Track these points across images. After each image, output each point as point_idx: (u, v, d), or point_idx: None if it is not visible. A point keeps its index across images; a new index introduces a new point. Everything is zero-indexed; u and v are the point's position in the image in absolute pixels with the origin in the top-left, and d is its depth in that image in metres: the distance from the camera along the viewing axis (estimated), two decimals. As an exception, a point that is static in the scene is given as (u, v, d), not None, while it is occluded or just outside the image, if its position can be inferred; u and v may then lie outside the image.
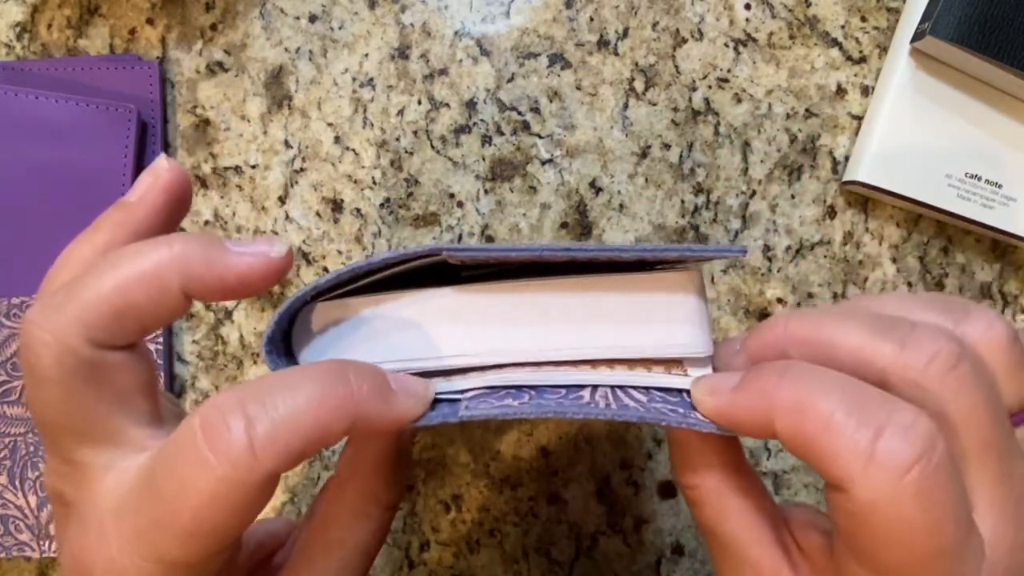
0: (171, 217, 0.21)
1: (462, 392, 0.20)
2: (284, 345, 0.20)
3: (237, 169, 0.37)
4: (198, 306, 0.37)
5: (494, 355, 0.20)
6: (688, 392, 0.20)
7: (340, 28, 0.37)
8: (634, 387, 0.20)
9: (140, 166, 0.36)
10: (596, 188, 0.37)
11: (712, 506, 0.21)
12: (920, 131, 0.36)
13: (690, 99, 0.38)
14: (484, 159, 0.37)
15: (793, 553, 0.21)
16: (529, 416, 0.19)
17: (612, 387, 0.20)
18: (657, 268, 0.21)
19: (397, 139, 0.37)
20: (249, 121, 0.37)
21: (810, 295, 0.38)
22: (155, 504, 0.17)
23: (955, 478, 0.17)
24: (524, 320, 0.20)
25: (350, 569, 0.22)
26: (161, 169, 0.21)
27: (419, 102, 0.37)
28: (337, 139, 0.37)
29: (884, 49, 0.38)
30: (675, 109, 0.38)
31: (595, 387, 0.20)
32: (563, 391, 0.20)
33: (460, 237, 0.37)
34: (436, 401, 0.20)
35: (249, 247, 0.19)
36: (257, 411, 0.16)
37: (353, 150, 0.37)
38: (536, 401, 0.19)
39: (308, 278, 0.37)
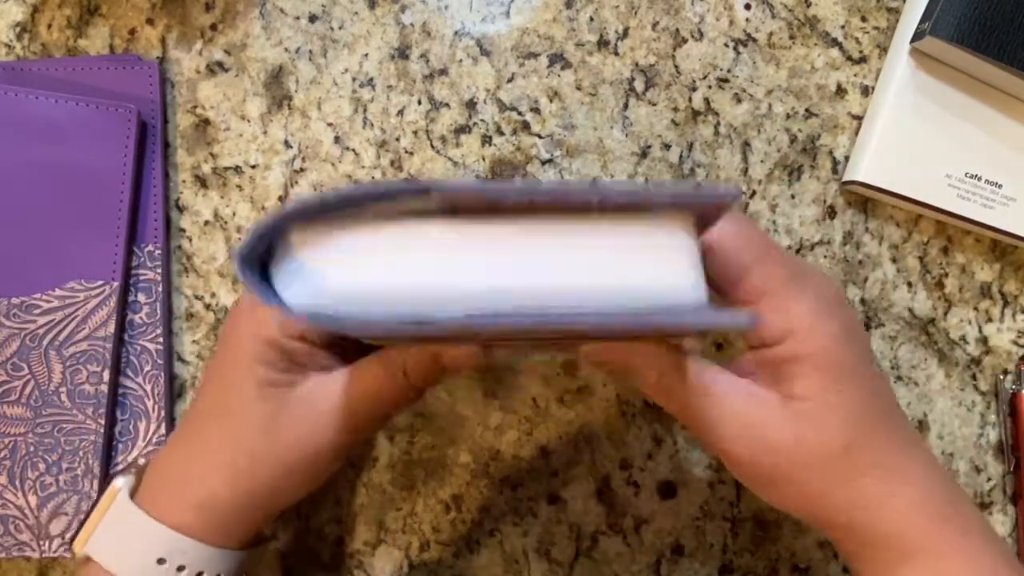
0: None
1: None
2: (260, 265, 0.20)
3: (237, 169, 0.37)
4: (198, 306, 0.37)
5: (484, 294, 0.20)
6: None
7: (340, 28, 0.37)
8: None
9: (140, 166, 0.36)
10: (596, 188, 0.37)
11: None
12: (920, 131, 0.36)
13: (690, 99, 0.38)
14: (484, 159, 0.37)
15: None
16: (523, 324, 0.19)
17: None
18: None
19: (397, 139, 0.37)
20: (249, 121, 0.37)
21: (810, 295, 0.38)
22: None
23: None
24: (515, 254, 0.20)
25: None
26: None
27: (419, 102, 0.37)
28: (337, 139, 0.37)
29: (884, 49, 0.38)
30: (675, 109, 0.38)
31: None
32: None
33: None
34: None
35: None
36: None
37: (353, 150, 0.37)
38: (528, 311, 0.19)
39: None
